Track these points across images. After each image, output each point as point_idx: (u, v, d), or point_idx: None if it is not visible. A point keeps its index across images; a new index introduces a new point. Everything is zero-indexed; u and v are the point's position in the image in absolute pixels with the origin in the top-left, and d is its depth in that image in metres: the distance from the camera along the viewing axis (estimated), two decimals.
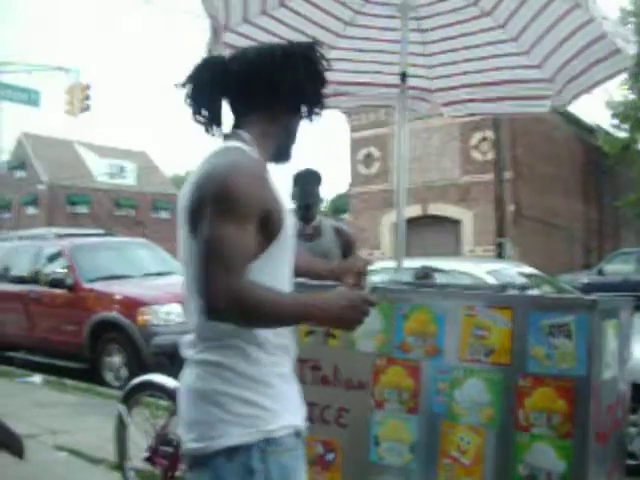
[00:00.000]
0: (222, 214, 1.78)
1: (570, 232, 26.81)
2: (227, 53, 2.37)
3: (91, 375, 8.94)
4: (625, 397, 3.02)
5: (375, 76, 4.65)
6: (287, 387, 2.00)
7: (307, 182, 4.59)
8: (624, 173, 29.78)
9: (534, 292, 2.99)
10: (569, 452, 2.42)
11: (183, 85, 2.03)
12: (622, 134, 27.13)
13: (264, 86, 2.00)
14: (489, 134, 23.65)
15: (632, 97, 26.04)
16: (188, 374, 1.99)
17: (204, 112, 2.04)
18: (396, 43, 4.16)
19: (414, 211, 21.97)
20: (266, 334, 1.93)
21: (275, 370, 1.96)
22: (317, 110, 2.10)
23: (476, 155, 24.50)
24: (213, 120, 2.04)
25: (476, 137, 24.36)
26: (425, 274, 3.27)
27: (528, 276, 8.67)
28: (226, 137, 2.03)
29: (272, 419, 1.90)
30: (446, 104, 4.84)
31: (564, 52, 3.91)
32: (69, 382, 8.51)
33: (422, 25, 4.46)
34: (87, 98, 22.61)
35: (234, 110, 2.06)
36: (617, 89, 27.01)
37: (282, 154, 2.11)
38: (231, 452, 1.87)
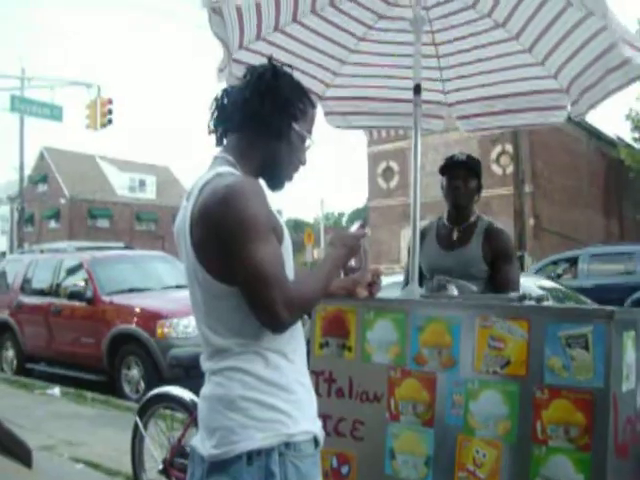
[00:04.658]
0: (250, 238, 1.86)
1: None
2: (239, 71, 2.42)
3: (110, 387, 8.97)
4: None
5: (389, 92, 4.63)
6: (307, 395, 2.06)
7: (455, 174, 3.98)
8: None
9: (551, 303, 2.94)
10: (587, 465, 2.38)
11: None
12: None
13: (241, 109, 2.07)
14: (508, 148, 23.63)
15: None
16: (207, 383, 2.04)
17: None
18: (410, 57, 4.14)
19: None
20: (286, 340, 2.00)
21: (296, 377, 2.03)
22: (305, 136, 2.15)
23: (496, 169, 24.48)
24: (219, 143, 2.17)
25: (496, 151, 24.35)
26: (441, 286, 3.24)
27: (548, 289, 8.61)
28: (213, 161, 2.10)
29: (292, 424, 1.96)
30: (461, 118, 4.82)
31: (578, 62, 3.88)
32: (88, 394, 8.55)
33: (436, 39, 4.45)
34: (109, 112, 22.86)
35: (221, 132, 2.15)
36: (636, 101, 26.90)
37: (271, 181, 2.15)
38: (251, 456, 1.91)
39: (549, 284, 9.11)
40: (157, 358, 8.42)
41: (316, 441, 2.04)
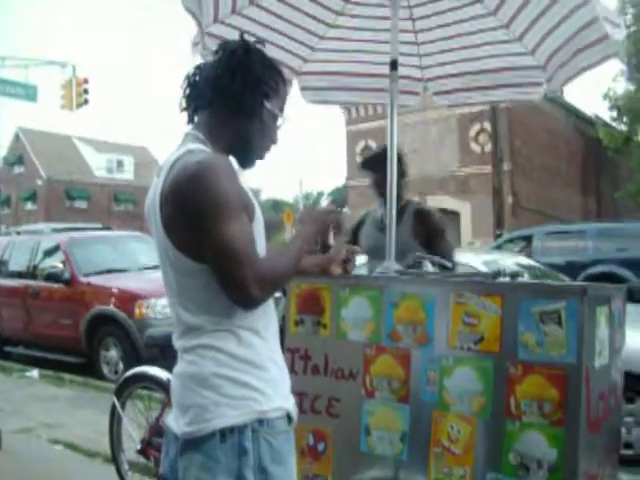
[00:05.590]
0: (221, 215, 1.84)
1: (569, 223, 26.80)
2: (214, 45, 2.39)
3: (88, 369, 8.94)
4: (618, 386, 3.00)
5: (366, 66, 4.61)
6: (280, 373, 2.06)
7: (375, 168, 4.24)
8: (623, 164, 29.77)
9: (526, 280, 2.95)
10: (560, 440, 2.40)
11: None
12: (622, 127, 27.07)
13: (212, 86, 2.05)
14: (487, 126, 23.68)
15: (630, 89, 25.95)
16: (180, 361, 2.04)
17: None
18: (387, 32, 4.11)
19: None
20: (258, 317, 2.00)
21: (269, 354, 2.02)
22: (277, 114, 2.13)
23: (474, 147, 24.50)
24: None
25: (474, 129, 24.36)
26: (416, 262, 3.24)
27: (526, 267, 8.65)
28: (184, 138, 2.07)
29: (265, 401, 1.96)
30: (438, 93, 4.81)
31: (556, 38, 3.88)
32: (66, 376, 8.52)
33: (414, 14, 4.43)
34: (85, 92, 22.55)
35: (192, 109, 2.13)
36: (614, 81, 27.02)
37: (241, 158, 2.14)
38: (224, 433, 1.91)
39: (526, 262, 9.16)
40: (135, 339, 8.39)
41: (289, 418, 2.04)
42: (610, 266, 13.60)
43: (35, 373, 8.82)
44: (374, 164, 4.21)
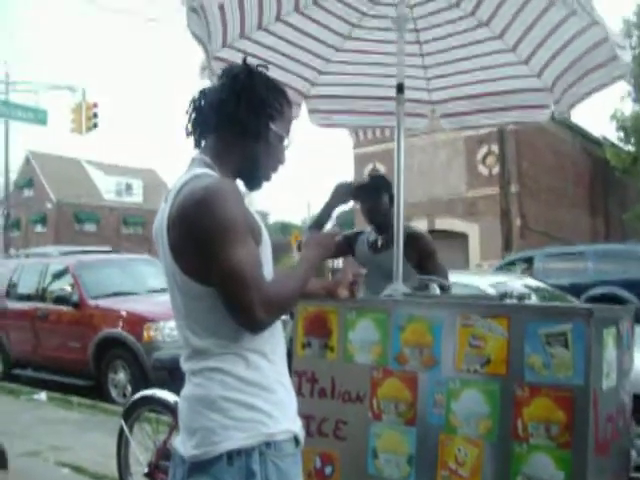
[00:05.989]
0: (228, 240, 1.86)
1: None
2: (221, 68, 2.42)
3: (97, 392, 8.93)
4: (626, 408, 2.99)
5: (373, 89, 4.65)
6: (287, 395, 2.06)
7: (365, 197, 4.25)
8: (631, 185, 29.72)
9: (532, 302, 2.95)
10: (568, 463, 2.39)
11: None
12: (629, 147, 27.08)
13: (216, 111, 2.08)
14: (494, 148, 23.70)
15: (637, 110, 25.99)
16: (187, 384, 2.05)
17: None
18: (394, 55, 4.15)
19: (421, 225, 21.92)
20: (266, 340, 2.01)
21: (276, 377, 2.03)
22: (282, 135, 2.15)
23: (482, 169, 24.52)
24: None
25: (482, 151, 24.39)
26: (422, 285, 3.25)
27: (534, 289, 8.63)
28: (191, 163, 2.10)
29: (273, 424, 1.96)
30: (445, 116, 4.84)
31: (562, 60, 3.91)
32: (74, 399, 8.51)
33: (420, 37, 4.47)
34: (94, 116, 22.77)
35: (199, 133, 2.15)
36: (621, 102, 27.04)
37: (248, 181, 2.17)
38: (232, 456, 1.91)
39: (534, 283, 9.14)
40: (143, 362, 8.38)
41: (297, 440, 2.04)
42: (611, 288, 13.59)
43: (43, 396, 8.82)
44: (362, 194, 4.21)
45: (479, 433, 2.54)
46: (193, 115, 2.15)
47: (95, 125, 22.76)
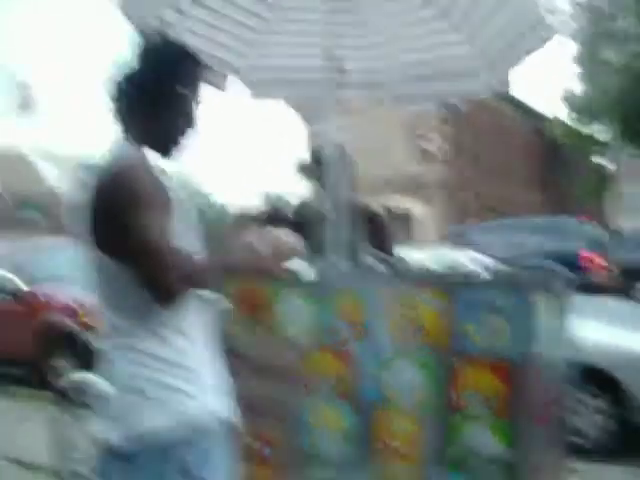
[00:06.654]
0: (138, 212, 1.80)
1: None
2: None
3: (36, 380, 8.69)
4: (564, 377, 2.97)
5: (304, 60, 4.49)
6: (209, 373, 1.97)
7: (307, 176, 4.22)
8: (582, 163, 30.20)
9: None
10: (507, 433, 2.34)
11: None
12: (579, 126, 27.49)
13: (122, 79, 2.01)
14: (438, 124, 23.79)
15: (583, 88, 26.37)
16: (105, 364, 1.95)
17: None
18: (324, 24, 4.03)
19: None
20: (185, 318, 1.92)
21: (196, 354, 1.94)
22: (190, 97, 2.06)
23: (427, 146, 24.62)
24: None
25: (425, 127, 24.44)
26: (358, 259, 3.17)
27: (477, 261, 8.66)
28: (113, 144, 2.01)
29: (193, 404, 1.87)
30: (381, 89, 4.74)
31: (493, 26, 3.86)
32: (11, 388, 8.28)
33: (352, 6, 4.36)
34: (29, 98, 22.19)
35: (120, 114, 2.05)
36: (570, 81, 27.44)
37: (160, 147, 2.06)
38: (151, 439, 1.82)
39: (476, 256, 9.19)
40: (82, 347, 8.19)
41: (222, 420, 1.95)
42: (544, 260, 13.76)
43: None
44: (307, 171, 4.13)
45: (415, 406, 2.48)
46: (109, 87, 2.04)
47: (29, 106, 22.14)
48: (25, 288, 9.22)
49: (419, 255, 7.22)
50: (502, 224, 15.86)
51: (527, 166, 29.55)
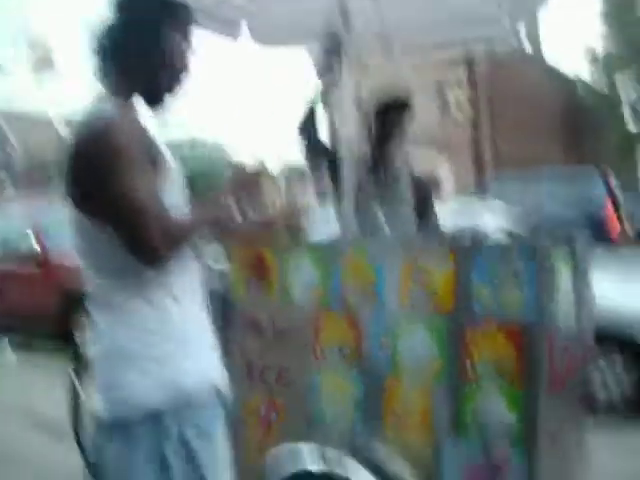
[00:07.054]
0: (121, 170, 1.71)
1: None
2: None
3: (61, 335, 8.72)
4: (584, 340, 2.86)
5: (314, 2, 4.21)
6: (202, 342, 1.90)
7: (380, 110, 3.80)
8: (605, 123, 29.59)
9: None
10: (520, 402, 2.24)
11: None
12: (602, 87, 26.97)
13: (106, 34, 1.91)
14: (464, 80, 23.34)
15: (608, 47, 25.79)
16: (95, 336, 1.87)
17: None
18: None
19: None
20: (176, 283, 1.84)
21: (187, 322, 1.86)
22: (178, 40, 1.94)
23: (452, 106, 24.20)
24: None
25: (450, 82, 24.02)
26: (369, 222, 3.04)
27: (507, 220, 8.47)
28: (94, 99, 1.91)
29: (185, 375, 1.80)
30: (400, 44, 4.56)
31: None
32: (37, 342, 8.41)
33: None
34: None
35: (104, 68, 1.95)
36: (595, 39, 26.82)
37: (149, 95, 1.96)
38: (144, 413, 1.76)
39: (501, 207, 9.02)
40: None
41: (217, 391, 1.88)
42: (565, 210, 13.41)
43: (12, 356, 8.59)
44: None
45: (427, 375, 2.38)
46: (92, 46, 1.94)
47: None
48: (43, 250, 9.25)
49: (444, 210, 7.07)
50: (527, 174, 15.50)
51: (551, 125, 28.98)
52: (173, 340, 1.80)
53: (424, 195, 3.93)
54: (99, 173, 1.72)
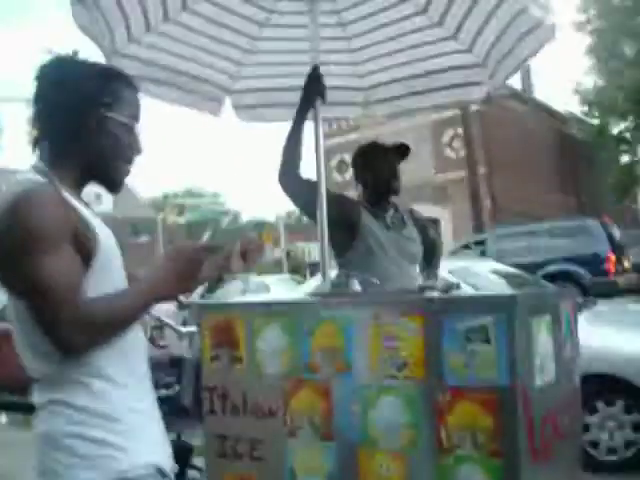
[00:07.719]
0: (32, 249, 1.62)
1: None
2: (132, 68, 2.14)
3: None
4: (573, 401, 2.73)
5: (295, 80, 4.26)
6: (142, 422, 1.80)
7: (376, 157, 3.91)
8: (598, 158, 29.74)
9: (459, 292, 2.65)
10: (499, 473, 2.12)
11: None
12: (594, 121, 27.13)
13: (40, 114, 1.85)
14: (460, 131, 23.50)
15: (600, 82, 26.02)
16: (35, 420, 1.79)
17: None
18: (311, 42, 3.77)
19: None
20: (112, 363, 1.75)
21: (127, 403, 1.76)
22: (126, 122, 1.88)
23: (449, 153, 24.34)
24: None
25: (447, 135, 24.20)
26: (341, 282, 2.96)
27: (505, 275, 8.31)
28: (20, 172, 1.84)
29: (125, 458, 1.71)
30: (378, 102, 4.56)
31: (490, 32, 3.68)
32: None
33: (342, 18, 4.16)
34: None
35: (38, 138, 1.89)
36: (585, 75, 27.10)
37: (104, 180, 1.91)
38: None
39: (505, 270, 8.77)
40: None
41: (161, 473, 1.78)
42: (563, 265, 13.43)
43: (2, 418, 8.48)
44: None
45: (401, 446, 2.26)
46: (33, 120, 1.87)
47: None
48: None
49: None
50: (519, 230, 15.56)
51: (547, 166, 29.09)
52: (111, 423, 1.72)
53: (431, 238, 3.88)
54: (6, 249, 1.64)
